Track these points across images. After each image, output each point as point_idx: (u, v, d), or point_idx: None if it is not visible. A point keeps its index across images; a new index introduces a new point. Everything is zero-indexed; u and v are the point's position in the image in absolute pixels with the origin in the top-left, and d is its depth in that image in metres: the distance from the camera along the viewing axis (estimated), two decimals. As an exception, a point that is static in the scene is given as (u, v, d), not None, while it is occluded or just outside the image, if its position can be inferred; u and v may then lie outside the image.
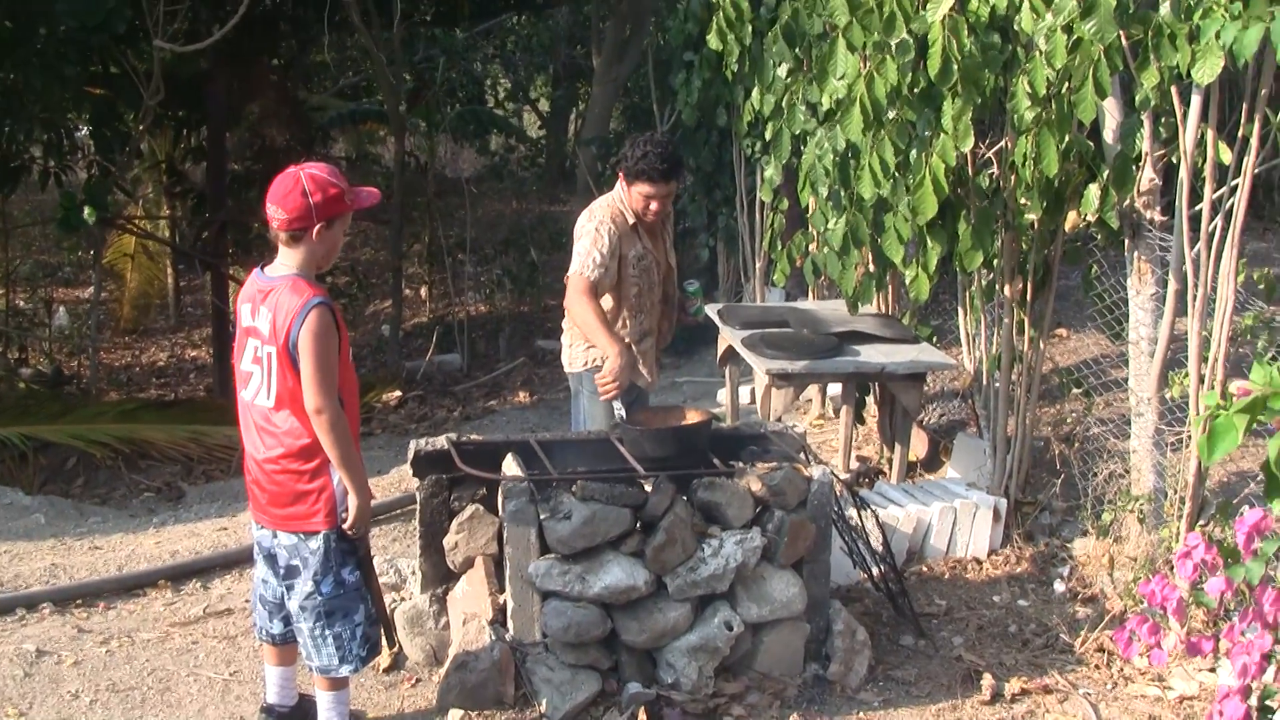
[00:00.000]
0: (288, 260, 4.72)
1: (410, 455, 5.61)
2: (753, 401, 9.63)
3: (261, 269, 4.81)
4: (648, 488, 5.30)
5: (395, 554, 6.59)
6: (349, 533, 4.73)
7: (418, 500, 5.55)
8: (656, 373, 6.59)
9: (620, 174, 6.21)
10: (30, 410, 11.33)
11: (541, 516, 5.19)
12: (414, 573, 5.80)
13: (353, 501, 4.68)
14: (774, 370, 7.26)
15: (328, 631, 4.77)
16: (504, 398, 13.16)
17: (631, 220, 6.21)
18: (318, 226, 4.66)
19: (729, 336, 8.12)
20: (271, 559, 4.85)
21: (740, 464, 5.54)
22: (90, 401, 12.79)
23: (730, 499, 5.31)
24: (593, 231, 6.10)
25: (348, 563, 4.78)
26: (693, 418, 5.75)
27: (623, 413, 5.77)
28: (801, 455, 5.68)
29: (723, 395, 9.63)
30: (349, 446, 4.63)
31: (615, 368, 5.81)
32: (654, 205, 6.12)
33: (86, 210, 11.44)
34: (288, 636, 4.97)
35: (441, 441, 5.64)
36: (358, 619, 4.79)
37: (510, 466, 5.38)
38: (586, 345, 6.31)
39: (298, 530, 4.73)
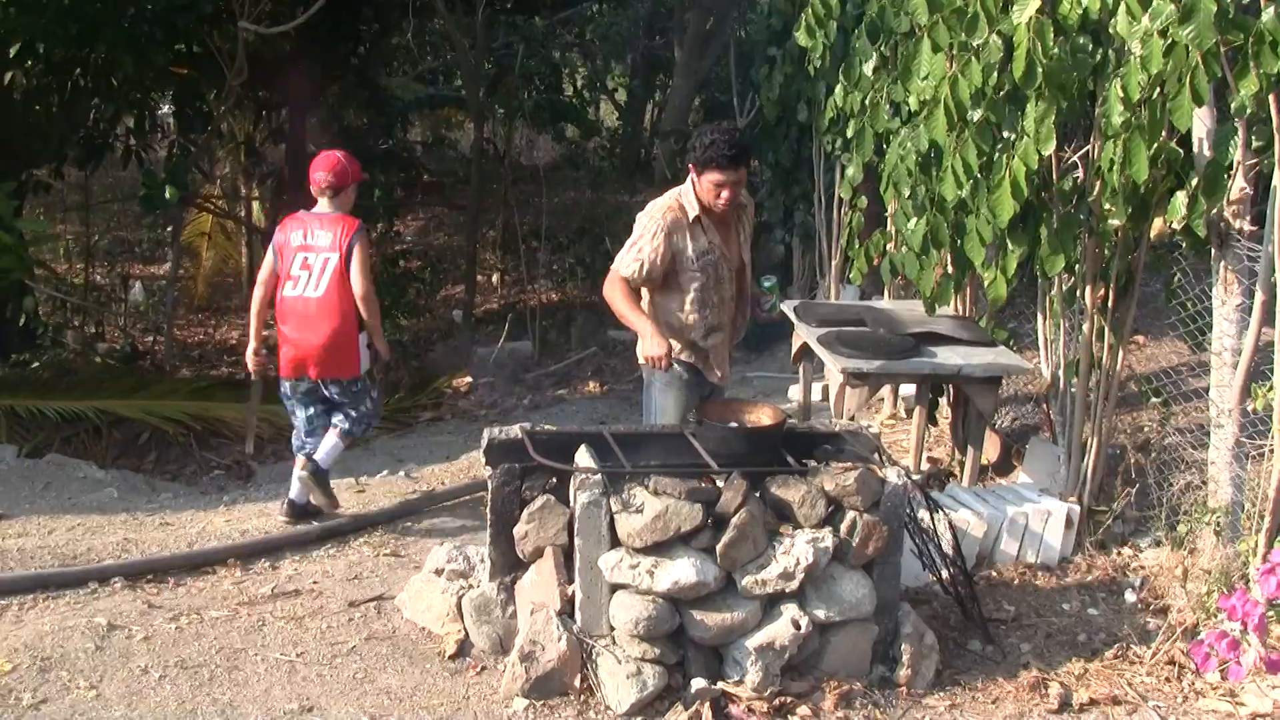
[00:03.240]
0: (329, 208, 7.27)
1: (484, 443, 5.61)
2: (825, 399, 9.58)
3: (307, 211, 7.31)
4: (720, 484, 5.27)
5: (464, 541, 6.58)
6: (376, 367, 7.49)
7: (489, 488, 5.54)
8: (728, 369, 6.56)
9: (690, 166, 6.17)
10: (105, 385, 11.48)
11: (613, 509, 5.17)
12: (483, 560, 5.78)
13: (381, 346, 7.41)
14: (849, 369, 7.22)
15: (360, 425, 7.48)
16: (574, 387, 13.17)
17: (694, 214, 6.15)
18: (350, 186, 7.31)
19: (804, 334, 8.08)
20: (320, 399, 7.39)
21: (814, 463, 5.50)
22: (163, 378, 12.92)
23: (803, 498, 5.26)
24: (641, 229, 6.15)
25: (371, 392, 7.47)
26: (763, 411, 5.72)
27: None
28: (876, 456, 5.63)
29: (795, 392, 9.59)
30: (378, 313, 7.26)
31: (646, 345, 5.93)
32: (725, 193, 6.06)
33: (169, 190, 11.52)
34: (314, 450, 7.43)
35: (515, 431, 5.64)
36: (370, 420, 7.58)
37: (583, 458, 5.37)
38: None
39: (346, 376, 7.28)
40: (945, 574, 6.00)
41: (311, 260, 7.17)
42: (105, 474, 9.31)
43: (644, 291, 6.26)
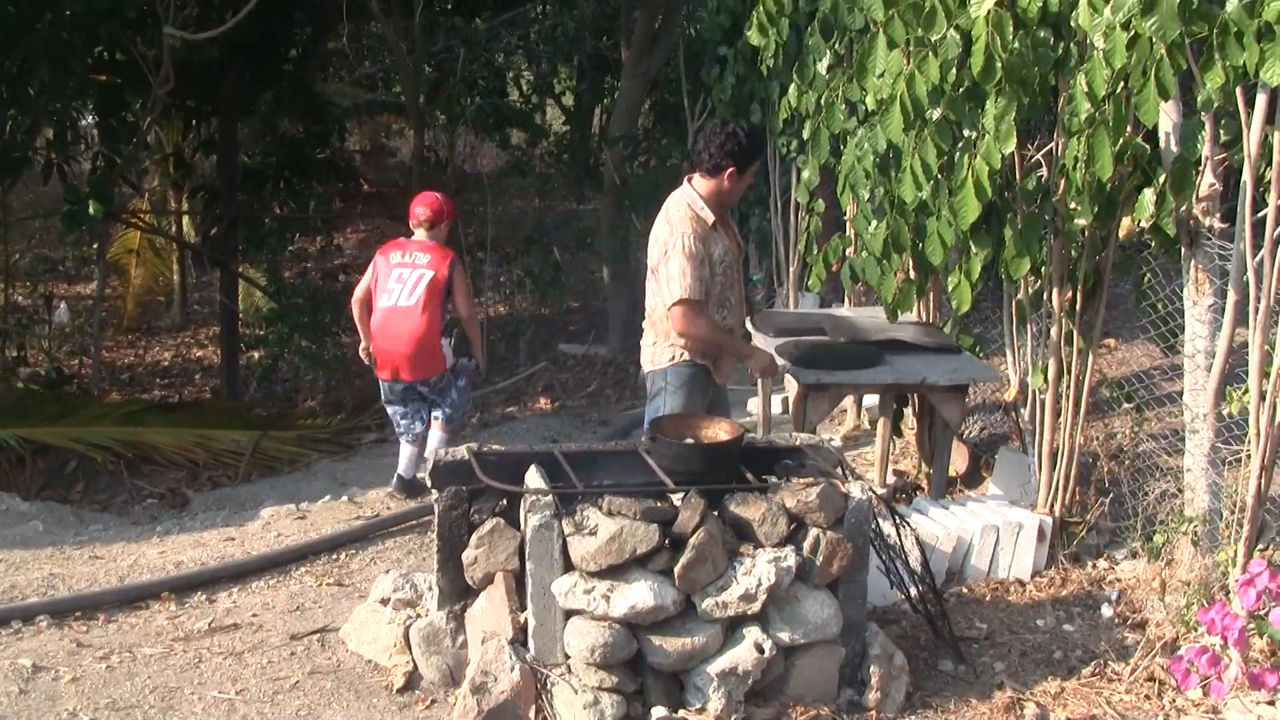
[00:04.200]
0: (426, 237, 8.61)
1: (429, 465, 5.60)
2: (786, 412, 9.58)
3: (407, 238, 8.69)
4: (677, 502, 5.25)
5: (411, 568, 6.56)
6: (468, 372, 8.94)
7: (435, 512, 5.51)
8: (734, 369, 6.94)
9: (724, 169, 6.36)
10: (28, 411, 11.37)
11: (566, 531, 5.15)
12: (430, 588, 5.76)
13: (479, 356, 9.04)
14: (809, 380, 7.21)
15: (457, 410, 8.82)
16: (524, 404, 13.14)
17: (712, 220, 6.39)
18: (445, 223, 8.72)
19: (762, 344, 8.06)
20: (416, 397, 8.69)
21: (774, 479, 5.49)
22: (91, 403, 12.80)
23: (764, 516, 5.27)
24: (680, 245, 6.29)
25: (458, 381, 8.77)
26: (720, 425, 5.74)
27: None
28: (839, 470, 5.65)
29: (754, 404, 9.59)
30: (479, 330, 8.93)
31: (765, 364, 6.76)
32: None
33: (93, 205, 11.42)
34: (419, 435, 8.77)
35: (462, 451, 5.64)
36: (464, 404, 9.04)
37: (533, 479, 5.36)
38: (670, 341, 6.49)
39: (437, 372, 8.53)
40: (914, 591, 6.02)
41: (406, 275, 8.45)
42: (29, 506, 9.22)
43: (652, 300, 6.54)
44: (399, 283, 8.44)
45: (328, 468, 10.75)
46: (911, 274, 7.24)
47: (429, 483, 5.63)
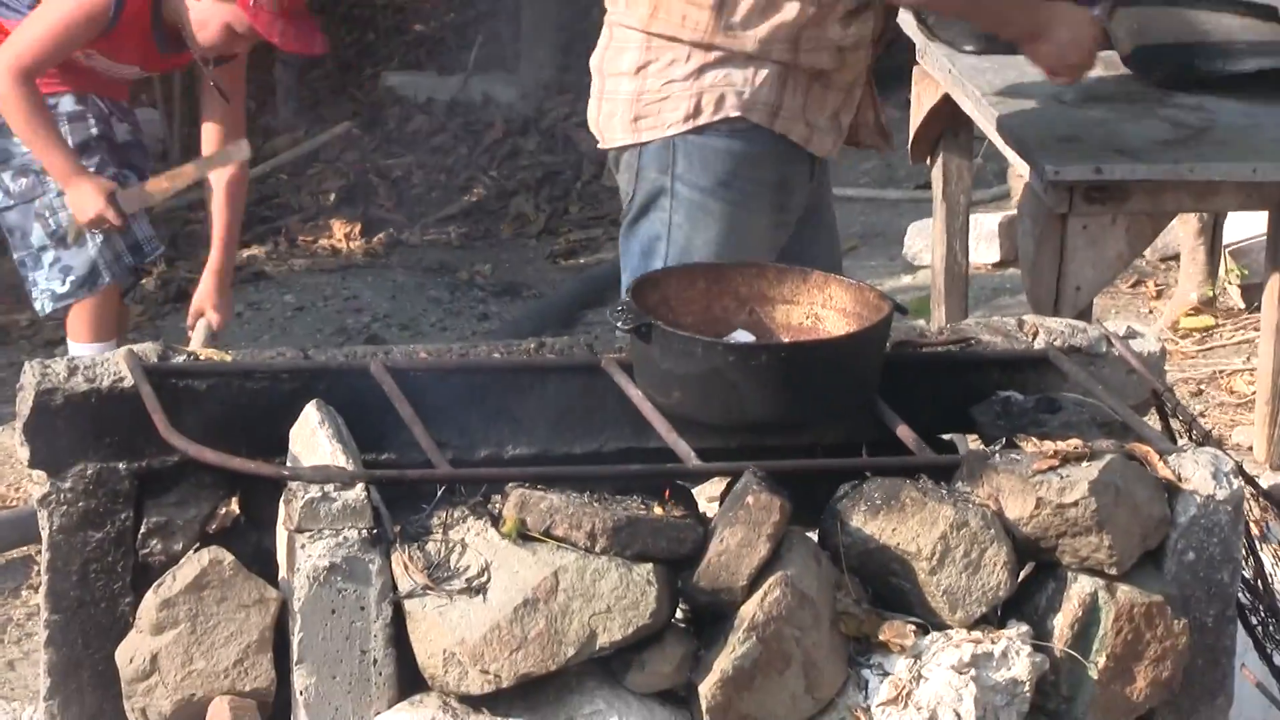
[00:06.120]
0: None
1: (26, 403, 3.49)
2: (1007, 259, 7.77)
3: None
4: (706, 502, 3.55)
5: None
6: None
7: (43, 534, 3.51)
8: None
9: None
10: None
11: (403, 587, 3.27)
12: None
13: None
14: (1068, 178, 4.91)
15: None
16: (291, 237, 10.48)
17: None
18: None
19: (939, 70, 5.74)
20: None
21: (974, 441, 3.93)
22: None
23: (942, 542, 3.36)
24: None
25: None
26: (828, 292, 3.90)
27: None
28: (1154, 419, 3.96)
29: (916, 238, 8.31)
30: None
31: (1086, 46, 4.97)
32: None
33: None
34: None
35: (116, 363, 3.54)
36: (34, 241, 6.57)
37: (313, 439, 3.42)
38: (703, 60, 4.72)
39: None
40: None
41: None
42: None
43: None
44: None
45: None
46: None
47: (22, 446, 3.52)
